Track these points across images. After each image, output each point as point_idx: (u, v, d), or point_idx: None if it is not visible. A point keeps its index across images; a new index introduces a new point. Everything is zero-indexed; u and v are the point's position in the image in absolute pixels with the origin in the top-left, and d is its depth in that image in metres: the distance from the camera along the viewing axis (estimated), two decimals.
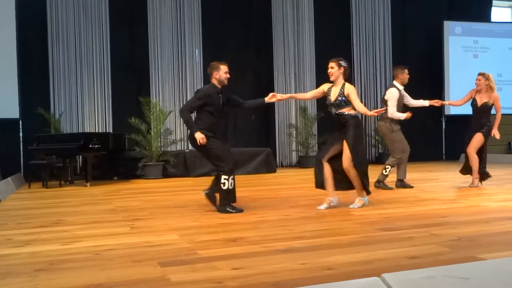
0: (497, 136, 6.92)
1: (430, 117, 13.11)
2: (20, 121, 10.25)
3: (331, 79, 5.34)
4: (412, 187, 6.97)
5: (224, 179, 4.95)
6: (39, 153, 9.10)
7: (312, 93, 5.83)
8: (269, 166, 10.67)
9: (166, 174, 10.03)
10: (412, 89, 8.69)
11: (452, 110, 13.63)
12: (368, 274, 2.62)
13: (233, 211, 4.98)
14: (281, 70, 12.56)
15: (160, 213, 5.10)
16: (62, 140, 9.07)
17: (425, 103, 7.15)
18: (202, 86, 12.06)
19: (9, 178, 8.44)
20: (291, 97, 6.61)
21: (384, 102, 7.06)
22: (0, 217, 5.15)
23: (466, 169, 7.06)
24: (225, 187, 4.95)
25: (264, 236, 3.77)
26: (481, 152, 6.92)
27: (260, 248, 3.36)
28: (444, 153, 13.93)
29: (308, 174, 10.15)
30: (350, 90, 5.21)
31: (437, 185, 7.16)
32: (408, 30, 13.58)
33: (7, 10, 10.01)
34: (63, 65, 10.78)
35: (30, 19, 10.44)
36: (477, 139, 6.87)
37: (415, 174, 9.22)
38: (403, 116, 6.66)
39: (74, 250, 3.44)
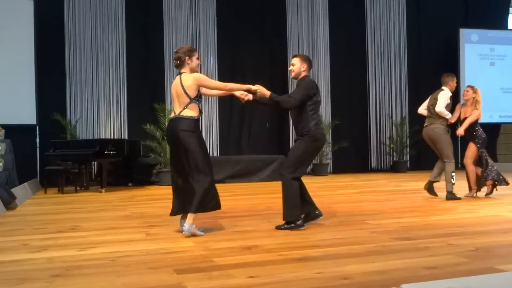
0: (460, 132, 6.93)
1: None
2: (37, 127, 10.37)
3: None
4: (436, 195, 6.89)
5: None
6: (55, 159, 9.20)
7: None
8: None
9: None
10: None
11: None
12: (385, 284, 2.60)
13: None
14: None
15: (175, 220, 5.10)
16: (78, 146, 9.15)
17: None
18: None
19: (25, 183, 8.52)
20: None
21: (431, 103, 6.82)
22: (16, 222, 5.20)
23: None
24: None
25: (280, 245, 3.76)
26: (480, 161, 6.89)
27: (276, 257, 3.35)
28: (460, 161, 13.77)
29: (323, 181, 10.14)
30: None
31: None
32: (423, 38, 13.52)
33: (25, 17, 10.16)
34: (79, 71, 10.90)
35: (48, 26, 10.58)
36: (471, 150, 6.93)
37: None
38: (449, 115, 6.68)
39: (90, 256, 3.46)
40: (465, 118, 6.93)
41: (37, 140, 10.45)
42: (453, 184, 6.63)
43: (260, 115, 12.14)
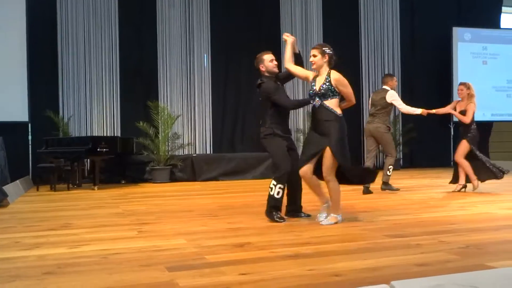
0: (424, 113, 7.22)
1: (438, 123, 13.07)
2: (29, 124, 10.32)
3: (313, 67, 4.69)
4: (398, 189, 7.29)
5: (272, 184, 4.72)
6: (48, 156, 9.16)
7: (300, 70, 4.92)
8: None
9: (173, 178, 10.05)
10: (421, 95, 8.70)
11: None
12: (376, 281, 2.61)
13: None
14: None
15: (167, 218, 5.11)
16: (71, 144, 9.13)
17: (417, 111, 7.29)
18: (210, 90, 12.18)
19: (17, 181, 8.49)
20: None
21: (382, 107, 7.42)
22: (8, 220, 5.18)
23: (455, 179, 7.22)
24: (271, 192, 4.72)
25: (272, 242, 3.76)
26: (472, 158, 6.98)
27: (268, 254, 3.35)
28: (452, 159, 13.84)
29: None
30: (338, 78, 4.57)
31: (445, 192, 7.12)
32: (416, 36, 13.56)
33: (17, 14, 10.09)
34: (72, 68, 10.85)
35: (40, 23, 10.53)
36: (462, 146, 7.04)
37: (423, 180, 9.18)
38: (418, 110, 7.16)
39: (82, 254, 3.45)
40: (460, 112, 7.02)
41: (29, 137, 10.40)
42: (389, 176, 7.34)
43: (254, 113, 12.13)
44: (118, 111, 11.17)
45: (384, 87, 7.56)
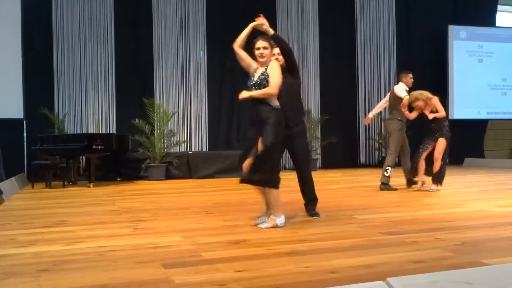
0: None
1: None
2: (24, 121, 10.28)
3: (263, 60, 4.35)
4: (397, 189, 7.18)
5: None
6: (43, 153, 9.12)
7: (245, 55, 4.54)
8: None
9: (169, 176, 10.04)
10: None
11: (455, 115, 13.61)
12: (372, 278, 2.61)
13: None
14: None
15: (163, 215, 5.10)
16: (66, 141, 9.09)
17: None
18: (206, 87, 12.16)
19: (12, 178, 8.45)
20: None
21: (396, 101, 7.26)
22: (3, 217, 5.16)
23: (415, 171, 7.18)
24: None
25: (267, 239, 3.77)
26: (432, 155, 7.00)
27: (264, 251, 3.36)
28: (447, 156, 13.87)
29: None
30: (273, 65, 4.25)
31: (441, 189, 7.13)
32: (412, 34, 13.58)
33: (12, 11, 10.05)
34: (67, 65, 10.81)
35: (35, 20, 10.48)
36: (443, 144, 6.98)
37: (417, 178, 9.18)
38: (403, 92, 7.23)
39: (77, 251, 3.45)
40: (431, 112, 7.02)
41: (24, 134, 10.36)
42: (388, 177, 7.19)
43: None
44: (113, 108, 11.14)
45: (400, 83, 7.48)
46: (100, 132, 10.83)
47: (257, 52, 4.34)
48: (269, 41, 4.43)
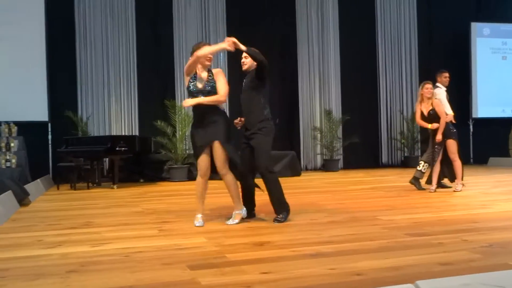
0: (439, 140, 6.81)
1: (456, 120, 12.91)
2: (49, 124, 10.47)
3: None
4: (423, 189, 7.07)
5: None
6: (67, 156, 9.27)
7: (192, 63, 4.51)
8: (294, 169, 10.65)
9: (191, 177, 10.07)
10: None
11: (479, 113, 13.41)
12: (399, 281, 2.59)
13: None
14: (306, 73, 12.54)
15: (187, 216, 5.13)
16: (90, 143, 9.22)
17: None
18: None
19: (38, 179, 8.60)
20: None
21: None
22: (30, 218, 5.25)
23: (452, 177, 7.01)
24: None
25: (292, 240, 3.76)
26: (434, 158, 6.85)
27: (288, 253, 3.35)
28: (472, 156, 13.69)
29: (333, 177, 10.12)
30: (219, 70, 4.62)
31: (466, 190, 7.03)
32: (434, 32, 13.42)
33: (37, 15, 10.24)
34: (90, 68, 10.96)
35: (59, 23, 10.67)
36: (452, 145, 6.79)
37: None
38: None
39: (104, 252, 3.49)
40: (429, 112, 6.82)
41: (49, 137, 10.54)
42: (422, 173, 7.11)
43: (270, 111, 12.13)
44: (136, 110, 11.25)
45: (436, 83, 7.36)
46: (123, 134, 10.94)
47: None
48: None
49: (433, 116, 6.78)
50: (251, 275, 2.79)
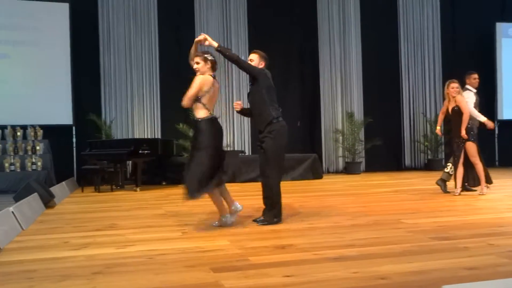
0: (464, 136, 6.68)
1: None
2: (74, 127, 10.63)
3: (198, 74, 4.82)
4: (448, 192, 6.99)
5: None
6: (91, 158, 9.40)
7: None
8: (316, 172, 10.61)
9: None
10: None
11: (504, 115, 13.17)
12: (424, 285, 2.57)
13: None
14: (327, 75, 12.49)
15: (209, 219, 5.15)
16: (113, 146, 9.33)
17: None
18: (248, 90, 12.18)
19: (63, 182, 8.75)
20: None
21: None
22: (56, 221, 5.34)
23: (474, 181, 6.88)
24: None
25: (314, 244, 3.75)
26: (467, 160, 6.71)
27: (311, 256, 3.34)
28: (497, 159, 13.45)
29: (356, 180, 10.05)
30: (195, 78, 4.63)
31: (492, 193, 6.91)
32: (458, 32, 13.25)
33: (61, 20, 10.44)
34: (114, 72, 11.11)
35: (83, 28, 10.84)
36: (472, 148, 6.64)
37: None
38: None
39: (128, 254, 3.53)
40: (453, 109, 6.70)
41: (74, 140, 10.71)
42: (447, 174, 7.08)
43: (291, 114, 12.13)
44: (158, 114, 11.36)
45: (466, 86, 7.28)
46: (146, 137, 11.05)
47: (194, 66, 4.80)
48: (202, 56, 4.77)
49: (456, 113, 6.67)
50: (274, 278, 2.79)
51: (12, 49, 10.25)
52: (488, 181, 6.87)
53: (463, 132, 6.57)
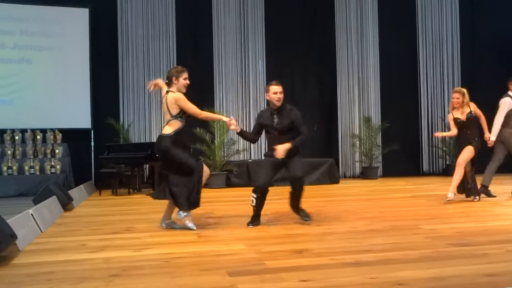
0: (491, 139, 6.70)
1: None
2: (92, 131, 10.75)
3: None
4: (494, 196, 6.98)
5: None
6: (109, 162, 9.49)
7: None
8: (332, 177, 10.56)
9: (229, 184, 10.15)
10: (483, 97, 8.34)
11: None
12: None
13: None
14: (344, 79, 12.44)
15: (225, 223, 5.17)
16: (131, 150, 9.41)
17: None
18: (265, 96, 12.18)
19: (81, 185, 8.84)
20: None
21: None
22: (74, 223, 5.40)
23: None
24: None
25: (331, 249, 3.73)
26: (471, 166, 6.60)
27: (327, 261, 3.32)
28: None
29: (373, 185, 9.97)
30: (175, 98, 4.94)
31: (506, 199, 6.80)
32: (478, 35, 13.08)
33: (81, 25, 10.59)
34: (132, 77, 11.21)
35: (102, 33, 10.96)
36: (469, 154, 6.53)
37: None
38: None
39: (145, 257, 3.55)
40: (467, 115, 6.54)
41: (92, 143, 10.82)
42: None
43: (308, 118, 12.10)
44: None
45: (508, 92, 7.13)
46: None
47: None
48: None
49: (471, 120, 6.57)
50: (290, 283, 2.78)
51: (35, 54, 10.40)
52: (459, 190, 6.69)
53: (488, 136, 6.54)
